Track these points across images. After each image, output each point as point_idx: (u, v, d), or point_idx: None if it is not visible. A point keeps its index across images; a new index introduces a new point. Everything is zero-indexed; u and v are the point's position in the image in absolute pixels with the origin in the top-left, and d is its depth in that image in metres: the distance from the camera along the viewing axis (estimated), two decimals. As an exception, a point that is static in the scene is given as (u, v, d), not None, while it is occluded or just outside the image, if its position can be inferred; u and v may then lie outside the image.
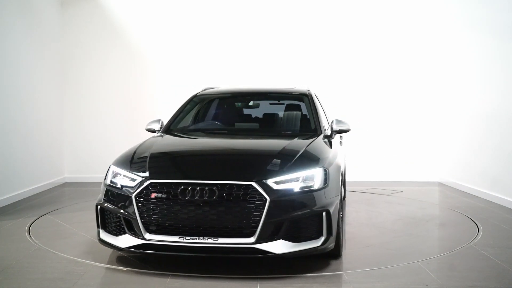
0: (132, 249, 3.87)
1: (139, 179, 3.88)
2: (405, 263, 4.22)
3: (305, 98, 5.53)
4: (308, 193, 3.79)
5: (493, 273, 4.03)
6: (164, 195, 3.76)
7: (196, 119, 5.73)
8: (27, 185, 7.26)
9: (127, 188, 3.91)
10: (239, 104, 5.85)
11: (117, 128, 8.88)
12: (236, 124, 5.62)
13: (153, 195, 3.78)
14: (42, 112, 7.97)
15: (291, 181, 3.80)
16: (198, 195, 3.69)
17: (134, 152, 4.38)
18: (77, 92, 8.92)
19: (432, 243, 5.09)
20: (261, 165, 3.97)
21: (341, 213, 4.39)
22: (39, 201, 6.86)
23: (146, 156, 4.21)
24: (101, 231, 4.12)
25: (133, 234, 3.86)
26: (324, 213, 3.81)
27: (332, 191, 3.99)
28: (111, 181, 4.08)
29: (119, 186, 3.99)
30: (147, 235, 3.80)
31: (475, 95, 7.76)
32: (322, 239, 3.81)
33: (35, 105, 7.67)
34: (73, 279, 3.78)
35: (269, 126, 5.54)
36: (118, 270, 4.00)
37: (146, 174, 3.91)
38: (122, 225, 3.92)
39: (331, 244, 3.93)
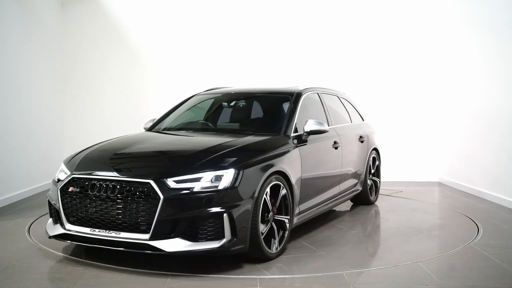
0: (58, 238, 4.20)
1: (68, 173, 4.25)
2: (405, 263, 4.22)
3: (291, 97, 5.31)
4: (209, 194, 3.79)
5: (493, 273, 4.03)
6: (78, 189, 4.07)
7: (187, 118, 5.79)
8: (27, 185, 7.26)
9: (59, 182, 4.27)
10: (226, 104, 5.81)
11: (118, 128, 8.84)
12: (218, 123, 5.58)
13: (70, 189, 4.11)
14: (43, 113, 7.97)
15: (194, 181, 3.84)
16: (103, 190, 3.95)
17: (86, 149, 4.75)
18: (77, 92, 8.92)
19: (432, 243, 5.09)
20: (169, 163, 4.16)
21: (286, 219, 4.37)
22: (39, 201, 6.85)
23: (84, 152, 4.58)
24: (50, 220, 4.48)
25: (60, 224, 4.21)
26: (225, 215, 3.76)
27: (244, 193, 3.91)
28: (57, 176, 4.42)
29: (56, 180, 4.35)
30: (68, 226, 4.13)
31: (476, 95, 7.76)
32: (224, 240, 3.79)
33: (35, 106, 7.67)
34: (73, 279, 3.79)
35: (244, 125, 5.45)
36: (118, 270, 4.00)
37: (73, 169, 4.26)
38: (56, 215, 4.31)
39: (237, 246, 3.87)
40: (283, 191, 4.35)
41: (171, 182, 3.81)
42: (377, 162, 6.93)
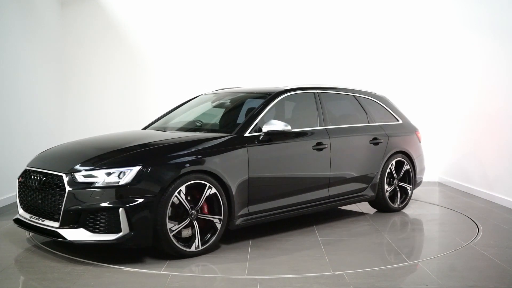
0: (15, 223, 4.62)
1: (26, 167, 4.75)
2: (405, 263, 4.23)
3: (267, 96, 5.28)
4: (109, 188, 4.02)
5: (493, 273, 4.03)
6: (22, 179, 4.64)
7: (175, 117, 5.88)
8: (27, 185, 7.26)
9: None
10: (214, 104, 5.84)
11: (118, 128, 8.80)
12: (203, 122, 5.63)
13: (19, 179, 4.69)
14: (43, 113, 7.97)
15: (100, 176, 4.09)
16: (34, 181, 4.42)
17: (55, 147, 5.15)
18: (78, 92, 8.92)
19: (432, 243, 5.09)
20: (87, 158, 4.34)
21: (217, 219, 4.41)
22: (39, 201, 6.85)
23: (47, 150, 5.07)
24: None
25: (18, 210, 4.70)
26: (121, 209, 3.95)
27: (148, 190, 4.05)
28: None
29: None
30: (20, 211, 4.64)
31: (476, 95, 7.76)
32: (120, 234, 3.99)
33: (36, 106, 7.67)
34: (73, 279, 3.79)
35: (219, 123, 5.48)
36: (118, 270, 4.00)
37: (28, 163, 4.79)
38: None
39: (137, 241, 4.05)
40: (211, 191, 4.37)
41: (79, 176, 4.12)
42: (406, 167, 6.35)
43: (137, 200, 4.01)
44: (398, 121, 6.51)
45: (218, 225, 4.43)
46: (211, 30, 8.96)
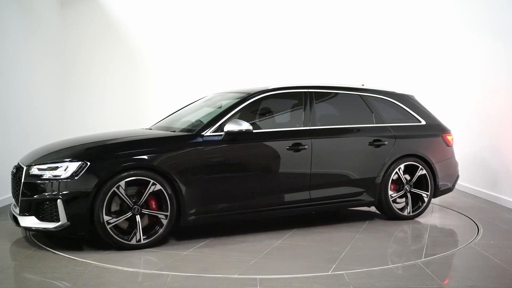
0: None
1: None
2: (405, 263, 4.23)
3: (245, 96, 5.29)
4: (54, 181, 4.40)
5: (493, 273, 4.03)
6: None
7: (175, 117, 5.94)
8: (27, 185, 7.25)
9: None
10: (208, 104, 5.85)
11: (118, 129, 8.85)
12: (193, 122, 5.62)
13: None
14: (43, 113, 7.97)
15: (49, 169, 4.48)
16: (11, 173, 4.87)
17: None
18: (78, 92, 8.92)
19: (432, 243, 5.09)
20: (48, 153, 4.72)
21: (164, 215, 4.59)
22: (39, 201, 6.85)
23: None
24: None
25: None
26: (59, 201, 4.35)
27: (87, 184, 4.37)
28: None
29: None
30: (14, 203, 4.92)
31: (476, 95, 7.76)
32: (58, 223, 4.37)
33: (35, 106, 7.67)
34: (73, 279, 3.79)
35: (192, 123, 5.44)
36: (118, 270, 4.00)
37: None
38: None
39: (74, 231, 4.40)
40: (156, 187, 4.54)
41: (34, 169, 4.52)
42: (420, 172, 5.81)
43: (76, 193, 4.37)
44: (419, 122, 6.05)
45: (164, 221, 4.61)
46: (211, 30, 8.96)
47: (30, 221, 4.47)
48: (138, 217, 4.52)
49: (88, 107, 8.93)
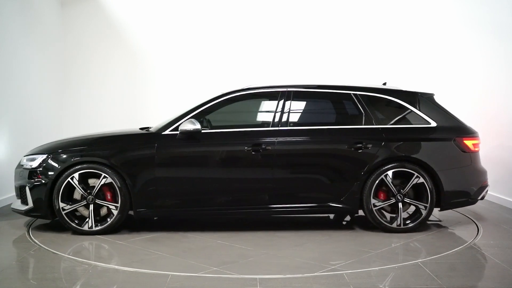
0: None
1: None
2: (405, 263, 4.23)
3: (221, 95, 5.37)
4: (27, 170, 5.14)
5: (493, 273, 4.03)
6: None
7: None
8: (27, 185, 7.25)
9: None
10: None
11: (118, 128, 8.87)
12: None
13: None
14: (43, 112, 7.96)
15: (32, 160, 5.17)
16: None
17: None
18: (78, 92, 8.92)
19: (432, 243, 5.09)
20: (40, 146, 5.44)
21: (114, 206, 5.02)
22: (39, 201, 6.84)
23: None
24: None
25: None
26: (27, 187, 5.08)
27: (46, 174, 5.02)
28: None
29: None
30: None
31: (476, 95, 7.75)
32: (27, 207, 5.11)
33: (35, 105, 7.67)
34: (73, 279, 3.79)
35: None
36: (118, 270, 4.00)
37: None
38: None
39: (37, 214, 5.11)
40: (107, 180, 4.99)
41: (23, 160, 5.28)
42: (416, 180, 5.15)
43: (38, 182, 5.03)
44: (427, 123, 5.36)
45: (115, 212, 5.04)
46: (210, 30, 8.95)
47: (17, 204, 5.28)
48: (91, 206, 5.01)
49: (88, 106, 8.93)
